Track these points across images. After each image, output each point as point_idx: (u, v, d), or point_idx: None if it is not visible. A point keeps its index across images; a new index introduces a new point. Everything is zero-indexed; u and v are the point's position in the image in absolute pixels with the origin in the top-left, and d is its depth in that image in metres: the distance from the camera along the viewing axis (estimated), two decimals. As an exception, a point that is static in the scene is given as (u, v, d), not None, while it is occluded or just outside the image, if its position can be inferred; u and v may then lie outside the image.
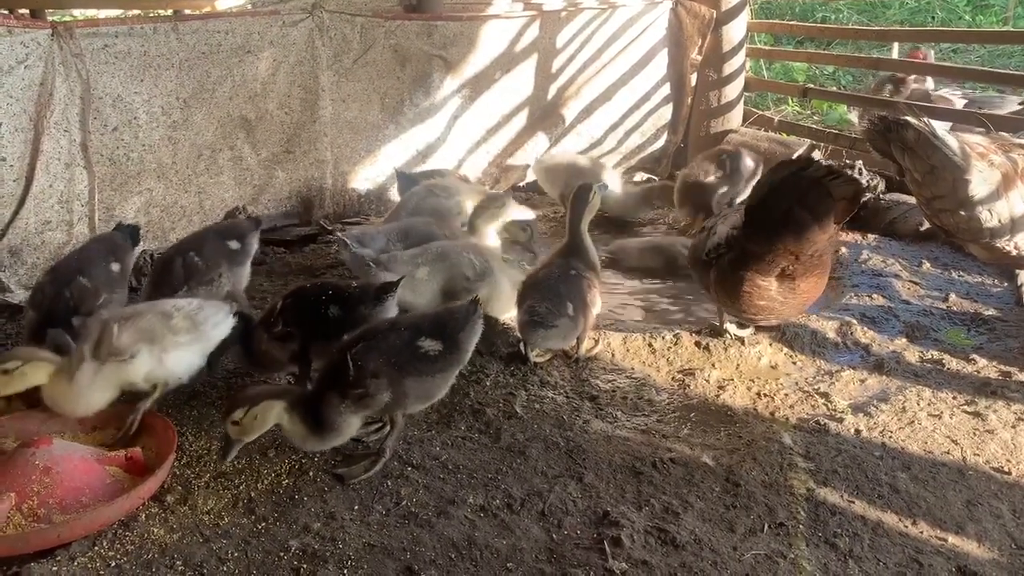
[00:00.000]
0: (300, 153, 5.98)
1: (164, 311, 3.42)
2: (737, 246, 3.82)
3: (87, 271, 3.85)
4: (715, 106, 7.69)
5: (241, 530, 2.83)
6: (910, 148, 4.80)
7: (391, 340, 3.14)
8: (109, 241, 4.22)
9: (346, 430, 3.06)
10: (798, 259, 3.71)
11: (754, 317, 4.02)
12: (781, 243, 3.65)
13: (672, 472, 3.18)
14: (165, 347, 3.34)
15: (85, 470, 2.94)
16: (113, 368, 3.21)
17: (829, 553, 2.76)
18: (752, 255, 3.75)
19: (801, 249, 3.67)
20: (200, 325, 3.45)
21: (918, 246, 5.57)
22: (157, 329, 3.34)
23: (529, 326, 3.86)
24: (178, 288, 3.96)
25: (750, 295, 3.83)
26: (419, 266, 4.10)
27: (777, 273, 3.77)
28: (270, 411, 2.93)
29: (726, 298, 3.97)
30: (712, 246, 3.97)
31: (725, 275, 3.89)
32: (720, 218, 4.13)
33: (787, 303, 3.88)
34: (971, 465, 3.24)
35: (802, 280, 3.81)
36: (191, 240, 4.30)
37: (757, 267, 3.76)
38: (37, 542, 2.69)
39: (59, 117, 4.74)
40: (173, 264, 4.07)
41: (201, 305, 3.54)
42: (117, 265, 4.09)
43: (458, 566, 2.69)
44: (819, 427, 3.49)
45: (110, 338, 3.21)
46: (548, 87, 7.18)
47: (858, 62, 8.34)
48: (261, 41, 5.52)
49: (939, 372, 3.95)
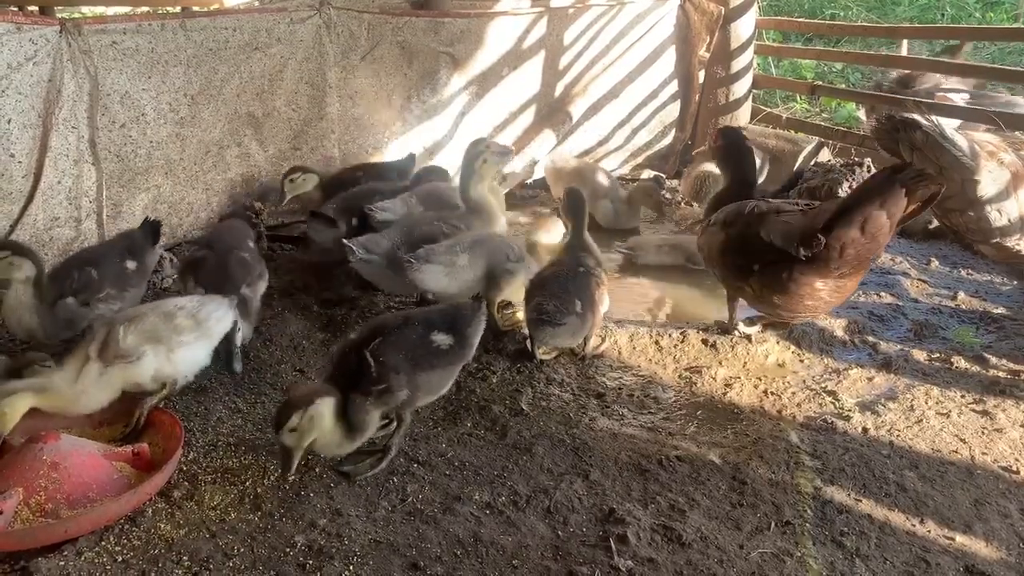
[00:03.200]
0: (308, 150, 5.98)
1: (167, 311, 3.45)
2: (805, 252, 3.66)
3: (99, 263, 3.98)
4: (723, 103, 7.67)
5: (247, 526, 2.84)
6: (918, 148, 4.77)
7: (407, 335, 3.16)
8: (129, 239, 4.32)
9: (370, 428, 3.06)
10: (861, 262, 3.66)
11: (795, 315, 3.96)
12: (855, 248, 3.56)
13: (678, 470, 3.17)
14: (171, 346, 3.37)
15: (92, 466, 2.95)
16: (119, 369, 3.24)
17: (836, 552, 2.75)
18: (821, 260, 3.63)
19: (870, 251, 3.60)
20: (204, 322, 3.49)
21: (927, 244, 5.55)
22: (161, 329, 3.37)
23: (537, 324, 3.86)
24: None
25: (803, 296, 3.76)
26: (458, 254, 4.12)
27: (836, 275, 3.70)
28: (325, 407, 2.89)
29: (772, 297, 3.86)
30: (757, 250, 3.83)
31: (777, 276, 3.76)
32: (744, 216, 4.03)
33: (831, 301, 3.84)
34: (979, 464, 3.23)
35: (851, 279, 3.76)
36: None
37: (821, 271, 3.67)
38: (44, 537, 2.70)
39: (67, 113, 4.75)
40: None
41: (202, 302, 3.57)
42: (133, 263, 4.16)
43: (464, 563, 2.69)
44: (826, 425, 3.48)
45: (116, 341, 3.23)
46: (555, 84, 7.17)
47: (867, 59, 8.30)
48: (269, 38, 5.52)
49: (947, 371, 3.94)
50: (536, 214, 6.69)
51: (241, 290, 3.93)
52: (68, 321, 3.81)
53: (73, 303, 3.81)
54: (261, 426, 3.44)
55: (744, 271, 3.94)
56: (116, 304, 3.95)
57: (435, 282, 4.07)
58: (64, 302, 3.79)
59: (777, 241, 3.76)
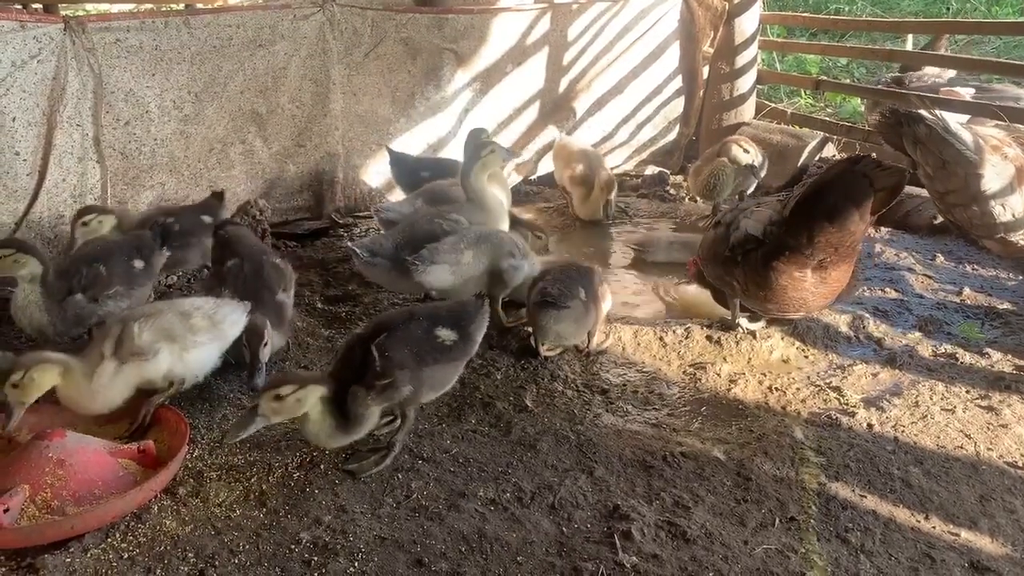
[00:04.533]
0: (311, 147, 5.99)
1: (184, 310, 3.47)
2: (773, 240, 3.80)
3: (107, 260, 3.99)
4: (727, 99, 7.65)
5: (252, 522, 2.85)
6: (921, 142, 4.77)
7: (412, 330, 3.16)
8: (139, 238, 4.32)
9: (368, 423, 3.06)
10: (837, 250, 3.73)
11: (784, 310, 3.99)
12: (823, 236, 3.66)
13: (683, 466, 3.17)
14: (185, 345, 3.39)
15: (98, 462, 2.96)
16: (133, 367, 3.26)
17: (841, 548, 2.75)
18: (791, 248, 3.74)
19: (842, 240, 3.68)
20: (219, 324, 3.50)
21: (932, 239, 5.53)
22: (177, 328, 3.39)
23: (541, 307, 3.83)
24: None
25: (785, 288, 3.82)
26: (462, 251, 4.11)
27: (814, 265, 3.77)
28: (312, 395, 2.90)
29: (757, 291, 3.93)
30: (738, 240, 3.94)
31: (757, 269, 3.85)
32: (739, 213, 4.08)
33: (818, 294, 3.88)
34: (984, 460, 3.22)
35: (835, 269, 3.81)
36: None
37: (795, 259, 3.76)
38: (51, 534, 2.70)
39: (71, 111, 4.76)
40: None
41: (219, 304, 3.59)
42: (141, 262, 4.16)
43: (468, 559, 2.69)
44: (831, 421, 3.47)
45: (131, 338, 3.25)
46: (559, 80, 7.16)
47: (872, 54, 8.27)
48: (272, 35, 5.53)
49: (952, 366, 3.93)
50: (540, 211, 6.68)
51: (277, 296, 3.90)
52: (77, 317, 3.83)
53: (82, 299, 3.83)
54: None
55: (730, 263, 3.99)
56: (125, 302, 3.96)
57: (441, 281, 4.06)
58: (73, 298, 3.81)
59: (750, 228, 3.88)
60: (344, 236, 5.85)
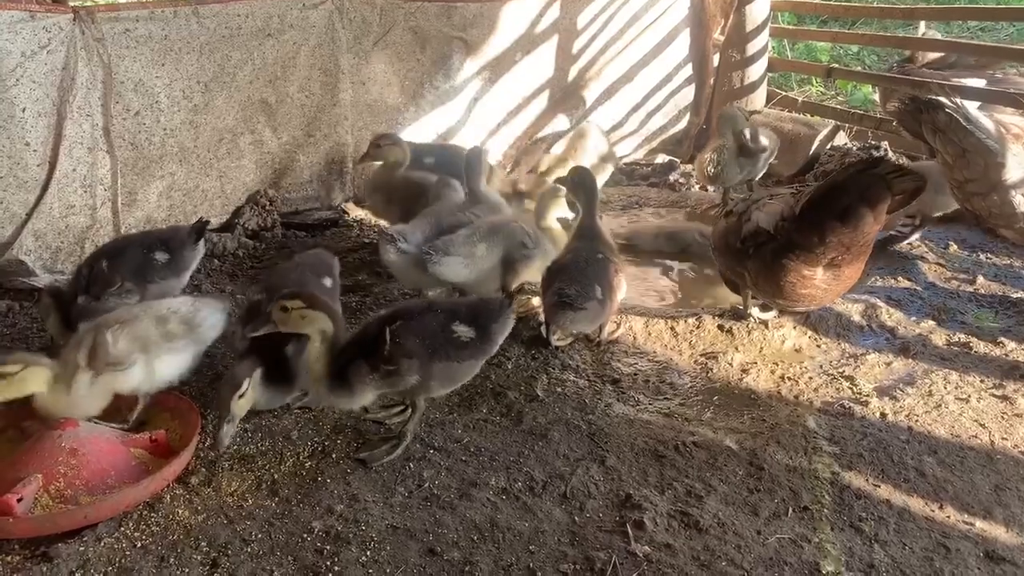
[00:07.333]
0: (321, 136, 5.98)
1: (160, 315, 3.33)
2: (783, 236, 3.73)
3: (116, 254, 3.93)
4: (738, 87, 7.59)
5: (265, 512, 2.85)
6: (941, 130, 4.71)
7: (427, 322, 3.14)
8: (176, 230, 4.25)
9: (358, 399, 3.05)
10: (849, 249, 3.65)
11: (794, 305, 3.96)
12: (835, 236, 3.58)
13: (695, 455, 3.16)
14: (159, 353, 3.25)
15: (110, 452, 2.97)
16: (109, 377, 3.12)
17: (854, 537, 2.74)
18: (801, 246, 3.66)
19: (855, 240, 3.61)
20: (196, 328, 3.40)
21: (945, 228, 5.48)
22: (152, 335, 3.25)
23: (558, 307, 3.79)
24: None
25: (794, 284, 3.76)
26: (476, 244, 4.09)
27: (825, 263, 3.70)
28: (318, 323, 2.94)
29: (766, 286, 3.88)
30: (749, 233, 3.88)
31: (767, 264, 3.79)
32: (752, 203, 4.04)
33: (830, 290, 3.82)
34: (999, 449, 3.20)
35: (847, 267, 3.75)
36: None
37: (805, 257, 3.68)
38: (64, 523, 2.72)
39: (81, 101, 4.76)
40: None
41: (197, 306, 3.47)
42: (165, 255, 4.04)
43: (480, 548, 2.69)
44: (844, 411, 3.45)
45: (105, 349, 3.09)
46: (569, 68, 7.12)
47: (884, 41, 8.20)
48: (281, 24, 5.51)
49: (966, 355, 3.90)
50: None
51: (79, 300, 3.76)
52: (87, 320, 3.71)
53: (84, 301, 3.73)
54: (277, 413, 3.44)
55: (741, 255, 3.94)
56: (135, 297, 3.85)
57: (455, 273, 4.03)
58: (77, 303, 3.72)
59: (762, 221, 3.82)
60: (354, 227, 5.84)
